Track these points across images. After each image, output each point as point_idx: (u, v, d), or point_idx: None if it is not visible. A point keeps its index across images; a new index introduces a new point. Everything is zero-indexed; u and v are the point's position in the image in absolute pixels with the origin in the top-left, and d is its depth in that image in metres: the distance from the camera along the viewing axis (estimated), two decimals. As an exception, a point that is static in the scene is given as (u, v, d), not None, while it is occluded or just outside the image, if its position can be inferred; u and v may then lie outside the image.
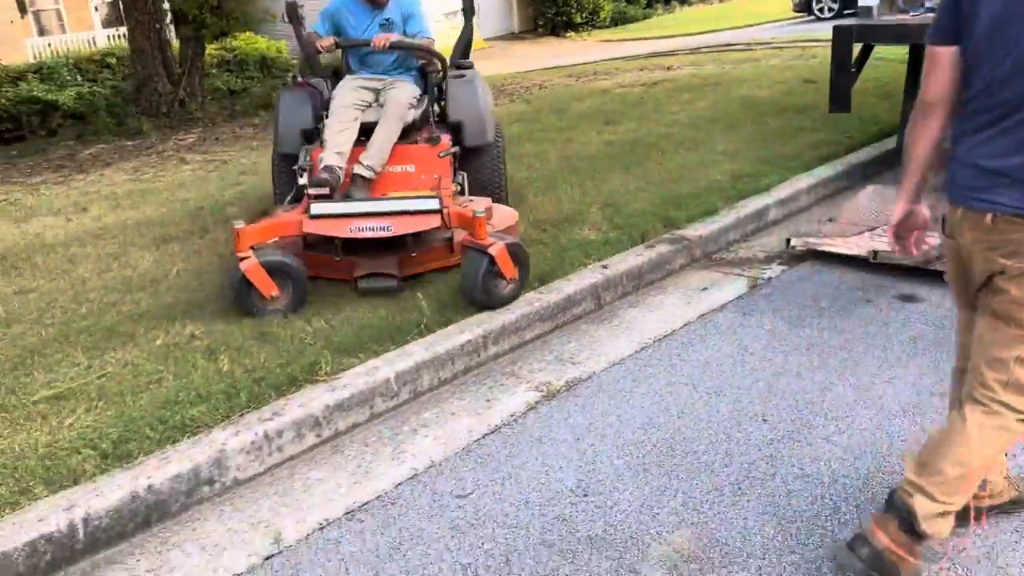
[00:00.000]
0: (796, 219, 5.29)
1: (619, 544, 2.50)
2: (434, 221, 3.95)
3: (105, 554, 2.63)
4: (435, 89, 4.81)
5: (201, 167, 7.27)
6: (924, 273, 4.17)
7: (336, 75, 4.78)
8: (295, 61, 16.77)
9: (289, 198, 4.43)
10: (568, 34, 25.08)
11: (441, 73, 4.70)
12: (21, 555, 2.49)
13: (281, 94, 4.71)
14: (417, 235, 4.06)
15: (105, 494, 2.68)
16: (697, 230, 4.76)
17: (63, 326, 3.80)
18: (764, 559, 2.39)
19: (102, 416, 3.05)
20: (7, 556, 2.46)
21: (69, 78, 12.22)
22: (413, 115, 4.44)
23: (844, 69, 5.53)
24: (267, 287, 3.75)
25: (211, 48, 13.09)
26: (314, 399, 3.19)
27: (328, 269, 4.17)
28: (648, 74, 10.88)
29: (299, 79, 4.73)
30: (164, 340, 3.63)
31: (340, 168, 4.13)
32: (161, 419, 3.01)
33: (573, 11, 24.83)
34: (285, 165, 4.58)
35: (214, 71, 13.60)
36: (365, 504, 2.79)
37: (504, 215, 4.43)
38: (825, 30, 15.95)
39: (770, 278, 4.41)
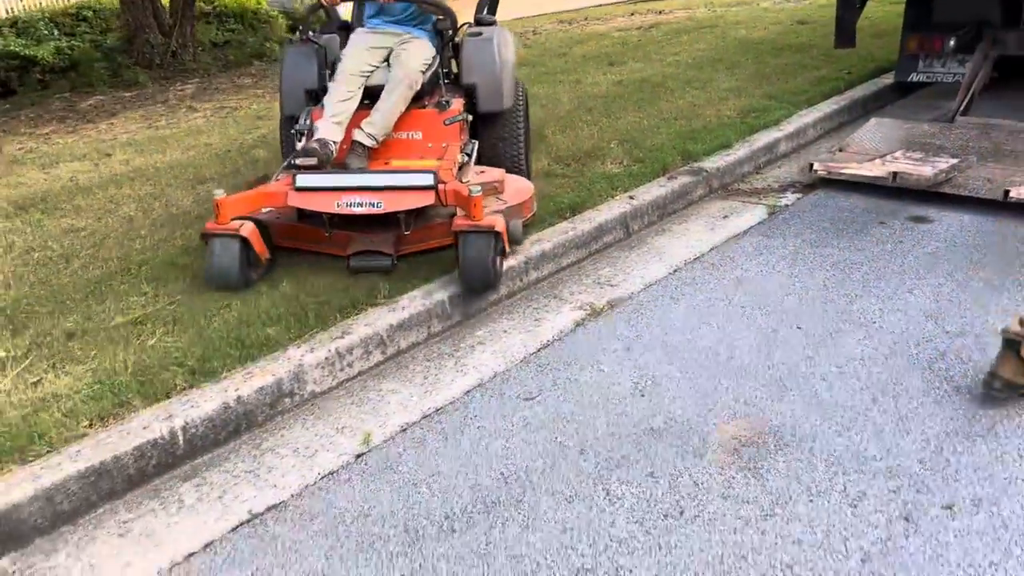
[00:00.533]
0: (805, 151, 5.52)
1: (681, 434, 2.75)
2: (428, 198, 3.58)
3: (204, 459, 2.84)
4: (451, 47, 4.40)
5: (214, 114, 7.34)
6: (932, 196, 4.42)
7: (347, 29, 4.41)
8: (275, 13, 16.54)
9: (284, 164, 3.99)
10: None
11: (452, 30, 4.26)
12: (130, 458, 2.69)
13: (286, 51, 4.40)
14: (413, 212, 3.72)
15: (200, 405, 2.88)
16: (714, 162, 4.97)
17: (121, 260, 3.95)
18: (815, 442, 2.66)
19: (181, 338, 3.23)
20: (118, 459, 2.66)
21: (46, 32, 12.04)
22: (423, 79, 4.05)
23: (850, 6, 5.71)
24: (263, 249, 3.65)
25: (195, 0, 12.92)
26: (378, 319, 3.39)
27: (322, 244, 3.86)
28: (641, 18, 10.97)
29: (306, 35, 4.27)
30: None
31: (334, 143, 3.85)
32: (239, 338, 3.20)
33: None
34: (290, 127, 4.24)
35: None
36: (440, 408, 3.02)
37: (519, 188, 4.11)
38: (812, -28, 16.03)
39: (787, 205, 4.65)
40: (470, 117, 4.29)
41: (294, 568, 2.34)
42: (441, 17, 4.19)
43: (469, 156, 4.15)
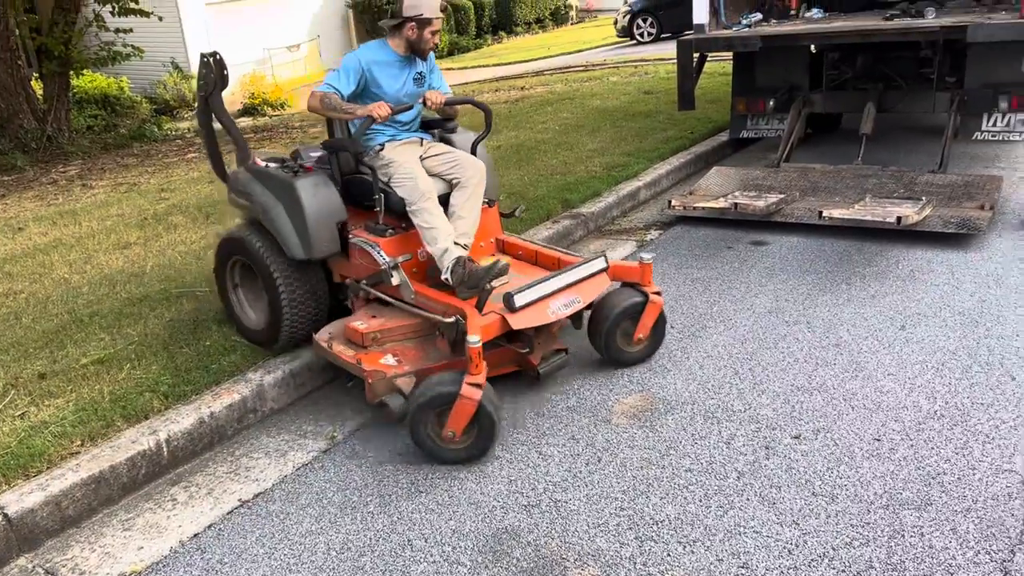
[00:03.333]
0: (661, 197, 6.45)
1: (591, 408, 3.42)
2: (606, 281, 3.63)
3: (186, 467, 3.25)
4: None
5: (113, 190, 7.59)
6: (767, 225, 5.40)
7: (332, 148, 3.79)
8: (140, 99, 16.69)
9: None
10: (409, 64, 26.05)
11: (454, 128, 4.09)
12: (124, 467, 3.08)
13: (296, 186, 3.56)
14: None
15: (178, 421, 3.30)
16: (589, 208, 5.80)
17: (70, 314, 4.27)
18: (694, 404, 3.38)
19: (150, 370, 3.63)
20: (114, 468, 3.05)
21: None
22: None
23: (688, 75, 6.79)
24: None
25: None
26: (322, 345, 3.91)
27: (507, 364, 3.58)
28: (506, 93, 12.00)
29: (305, 162, 3.80)
30: (171, 316, 4.20)
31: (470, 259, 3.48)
32: (205, 366, 3.64)
33: (412, 42, 25.84)
34: (312, 273, 3.73)
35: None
36: (389, 410, 3.56)
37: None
38: (648, 51, 17.88)
39: (652, 239, 5.51)
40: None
41: (291, 531, 2.81)
42: (446, 116, 3.99)
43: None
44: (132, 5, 12.36)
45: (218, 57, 3.84)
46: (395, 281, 3.46)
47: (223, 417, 3.43)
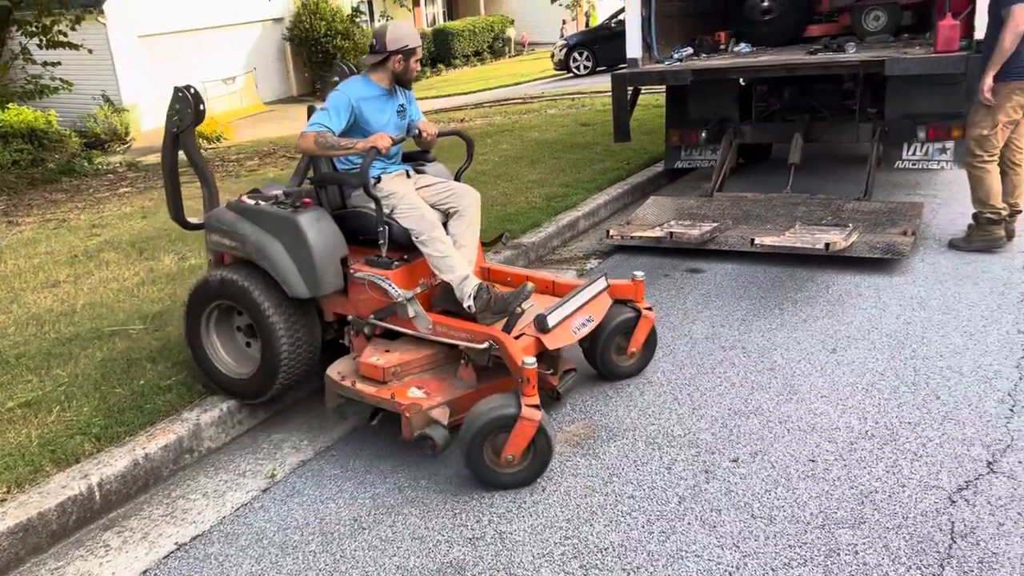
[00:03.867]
0: (600, 227, 6.56)
1: (534, 439, 3.43)
2: (608, 299, 3.80)
3: (120, 511, 3.15)
4: None
5: (41, 226, 7.36)
6: (702, 253, 5.53)
7: (328, 182, 3.73)
8: (69, 133, 16.30)
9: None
10: (347, 96, 26.06)
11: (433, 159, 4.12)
12: (53, 514, 2.97)
13: (300, 222, 3.43)
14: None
15: (111, 464, 3.21)
16: (530, 238, 5.86)
17: (-6, 356, 4.13)
18: (635, 431, 3.43)
19: (81, 412, 3.52)
20: (43, 516, 2.94)
21: None
22: None
23: (623, 107, 6.94)
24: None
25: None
26: (261, 381, 3.84)
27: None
28: (446, 126, 12.07)
29: (304, 196, 3.63)
30: (103, 355, 4.09)
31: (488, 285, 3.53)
32: (139, 406, 3.55)
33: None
34: (309, 313, 3.60)
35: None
36: (335, 442, 3.52)
37: None
38: (585, 84, 18.22)
39: (591, 268, 5.59)
40: None
41: (230, 574, 2.74)
42: (425, 149, 4.01)
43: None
44: (61, 38, 12.13)
45: (194, 91, 3.73)
46: (411, 314, 3.39)
47: (158, 458, 3.34)
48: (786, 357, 3.98)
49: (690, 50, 7.46)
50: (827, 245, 5.06)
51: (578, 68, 22.91)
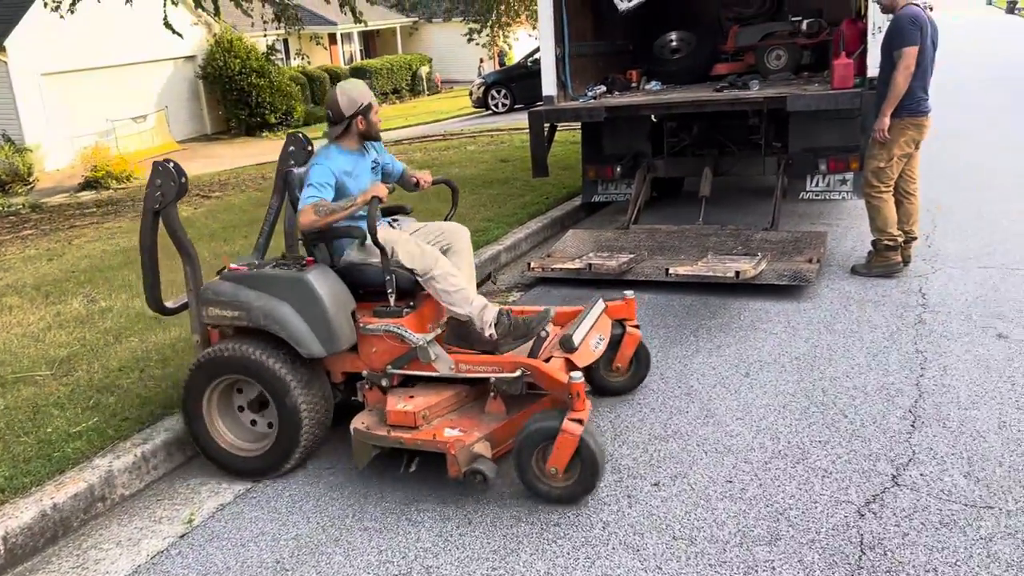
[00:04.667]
0: (521, 260, 6.64)
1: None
2: (608, 320, 3.89)
3: (26, 565, 3.01)
4: None
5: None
6: (621, 283, 5.66)
7: (328, 238, 3.62)
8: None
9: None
10: (264, 134, 25.77)
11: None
12: (-47, 573, 2.82)
13: (310, 279, 3.39)
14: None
15: (17, 516, 3.06)
16: (451, 272, 5.89)
17: None
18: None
19: (-18, 462, 3.36)
20: (-59, 575, 2.79)
21: None
22: None
23: (540, 144, 7.09)
24: None
25: None
26: (177, 424, 3.74)
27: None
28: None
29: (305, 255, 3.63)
30: (7, 403, 3.91)
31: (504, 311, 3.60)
32: (47, 455, 3.41)
33: (267, 112, 25.59)
34: (321, 376, 3.55)
35: None
36: (250, 488, 3.44)
37: None
38: (503, 121, 18.49)
39: (514, 301, 5.65)
40: None
41: (147, 625, 2.64)
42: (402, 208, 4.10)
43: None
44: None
45: (174, 164, 3.58)
46: (432, 356, 3.37)
47: (68, 508, 3.20)
48: (702, 382, 4.11)
49: (603, 88, 7.70)
50: (737, 273, 5.26)
51: (496, 106, 23.26)
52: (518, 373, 3.30)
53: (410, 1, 29.50)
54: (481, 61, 31.57)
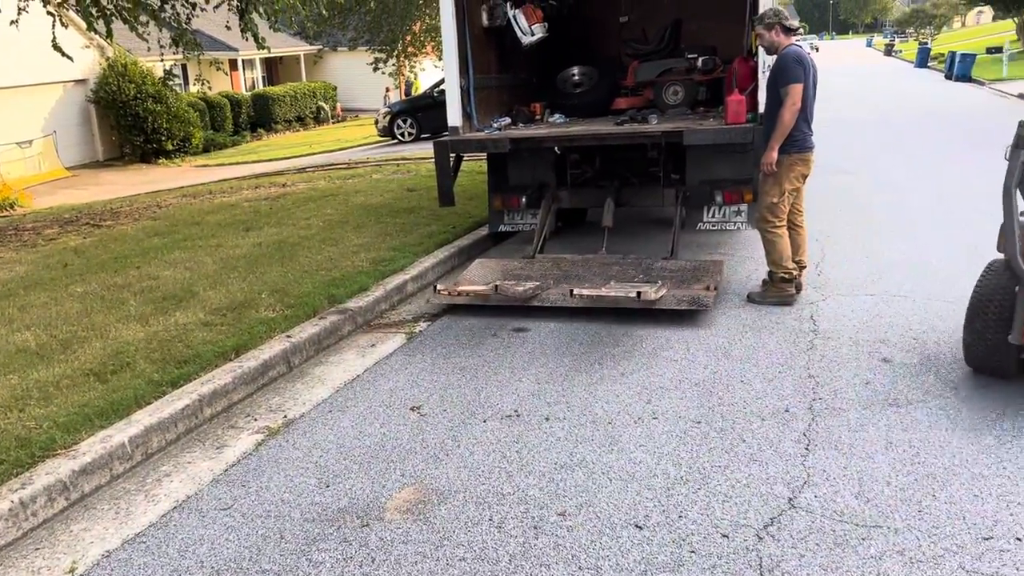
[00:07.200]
0: (427, 290, 6.60)
1: (364, 508, 3.35)
2: None
3: None
4: None
5: None
6: (527, 312, 5.69)
7: None
8: None
9: None
10: (160, 160, 24.95)
11: None
12: None
13: None
14: None
15: None
16: (357, 303, 5.80)
17: None
18: (466, 492, 3.43)
19: None
20: None
21: None
22: None
23: (446, 173, 7.10)
24: None
25: None
26: (59, 467, 3.52)
27: None
28: (267, 190, 11.80)
29: None
30: None
31: None
32: (-92, 504, 3.14)
33: (164, 138, 24.80)
34: None
35: None
36: (140, 533, 3.26)
37: None
38: (410, 150, 18.46)
39: (421, 331, 5.60)
40: None
41: None
42: None
43: None
44: None
45: None
46: None
47: (-67, 562, 2.96)
48: (606, 409, 4.15)
49: (508, 120, 7.79)
50: (639, 294, 5.38)
51: (403, 135, 23.22)
52: None
53: (314, 29, 29.22)
54: (387, 90, 31.49)
